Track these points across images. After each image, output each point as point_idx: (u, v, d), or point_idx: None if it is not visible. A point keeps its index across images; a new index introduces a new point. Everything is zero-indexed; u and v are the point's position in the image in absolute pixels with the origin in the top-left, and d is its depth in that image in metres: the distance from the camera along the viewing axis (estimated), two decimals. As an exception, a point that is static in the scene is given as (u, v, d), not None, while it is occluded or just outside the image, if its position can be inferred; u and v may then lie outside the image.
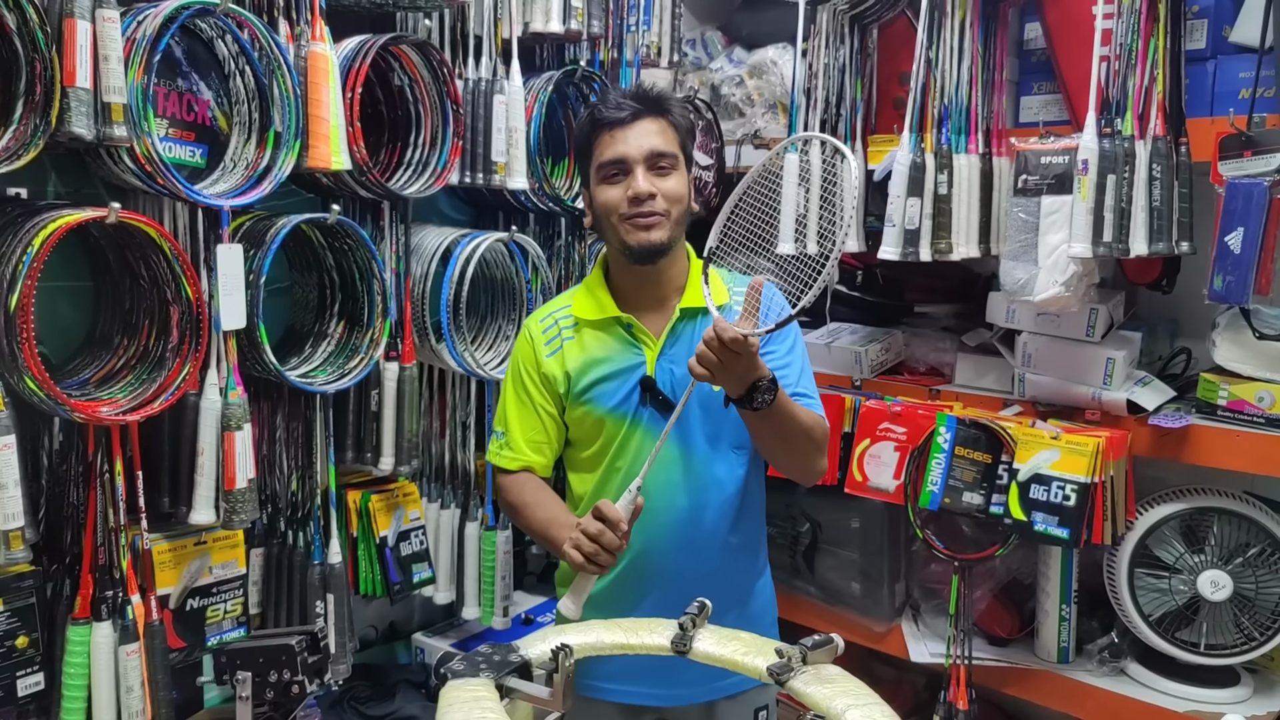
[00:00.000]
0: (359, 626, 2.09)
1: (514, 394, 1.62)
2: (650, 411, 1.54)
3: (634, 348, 1.55)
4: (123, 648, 1.52)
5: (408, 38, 1.78)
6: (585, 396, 1.55)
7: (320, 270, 1.82)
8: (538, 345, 1.59)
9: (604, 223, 1.53)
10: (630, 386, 1.54)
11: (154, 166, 1.46)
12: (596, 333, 1.57)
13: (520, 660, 1.15)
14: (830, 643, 1.14)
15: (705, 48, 2.38)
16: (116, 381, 1.56)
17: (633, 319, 1.55)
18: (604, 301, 1.57)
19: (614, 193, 1.50)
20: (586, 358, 1.56)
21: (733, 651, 1.18)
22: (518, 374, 1.61)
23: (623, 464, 1.55)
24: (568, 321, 1.59)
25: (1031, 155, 1.71)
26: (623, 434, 1.54)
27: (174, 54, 1.55)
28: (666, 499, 1.55)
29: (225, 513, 1.59)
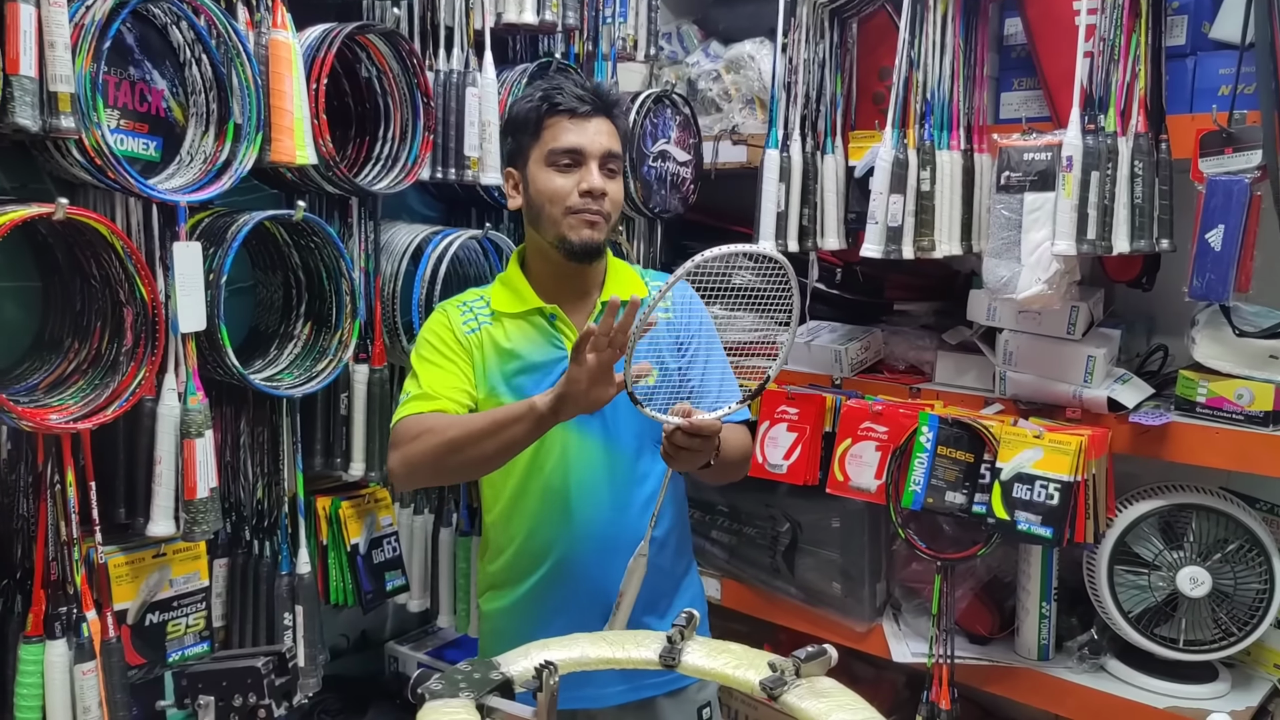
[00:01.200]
0: (329, 636, 1.99)
1: (427, 363, 1.46)
2: None
3: (555, 340, 1.48)
4: (78, 666, 1.42)
5: (375, 27, 1.68)
6: (503, 386, 1.46)
7: (285, 269, 1.71)
8: (455, 321, 1.49)
9: (542, 211, 1.44)
10: (552, 380, 1.42)
11: (104, 160, 1.35)
12: (517, 323, 1.49)
13: (501, 678, 1.07)
14: (824, 654, 1.07)
15: (681, 42, 2.30)
16: (67, 387, 1.45)
17: (557, 309, 1.48)
18: (524, 293, 1.49)
19: (563, 182, 1.42)
20: (506, 346, 1.48)
21: (723, 665, 1.11)
22: (430, 345, 1.48)
23: (546, 462, 1.46)
24: (485, 312, 1.50)
25: (1014, 152, 1.65)
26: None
27: (125, 41, 1.45)
28: (590, 499, 1.48)
29: (186, 524, 1.49)
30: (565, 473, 1.47)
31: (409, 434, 1.39)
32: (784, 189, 1.83)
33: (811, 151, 1.86)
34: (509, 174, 1.50)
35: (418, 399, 1.43)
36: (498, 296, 1.50)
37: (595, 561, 1.47)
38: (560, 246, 1.43)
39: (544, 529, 1.48)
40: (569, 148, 1.42)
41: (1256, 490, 1.81)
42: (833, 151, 1.85)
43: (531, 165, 1.44)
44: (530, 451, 1.43)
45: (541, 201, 1.43)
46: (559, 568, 1.48)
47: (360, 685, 1.93)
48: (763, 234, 1.85)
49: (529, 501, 1.48)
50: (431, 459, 1.36)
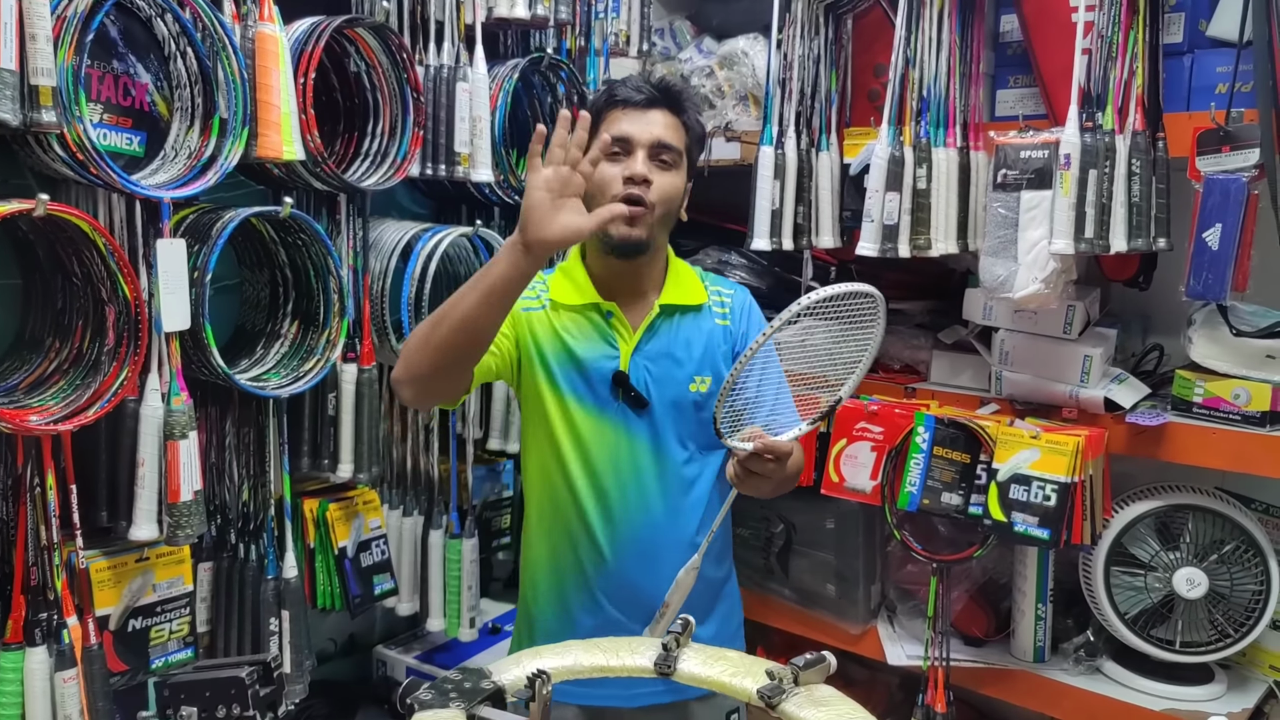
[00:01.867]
0: (317, 640, 1.94)
1: None
2: (622, 407, 1.44)
3: (608, 338, 1.45)
4: (59, 674, 1.37)
5: (364, 20, 1.64)
6: (551, 375, 1.44)
7: (272, 267, 1.67)
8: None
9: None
10: (602, 379, 1.44)
11: (86, 155, 1.31)
12: (572, 315, 1.45)
13: (493, 687, 1.03)
14: (823, 661, 1.04)
15: (674, 37, 2.26)
16: (48, 388, 1.41)
17: (614, 307, 1.45)
18: (584, 286, 1.46)
19: (611, 170, 1.39)
20: (560, 337, 1.44)
21: (720, 672, 1.08)
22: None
23: (594, 461, 1.44)
24: (545, 296, 1.47)
25: (1011, 149, 1.63)
26: (592, 428, 1.44)
27: (109, 34, 1.41)
28: (641, 503, 1.45)
29: (169, 527, 1.44)
30: (614, 474, 1.45)
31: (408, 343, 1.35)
32: (779, 186, 1.80)
33: (806, 149, 1.82)
34: None
35: None
36: (556, 285, 1.47)
37: (640, 564, 1.45)
38: (602, 241, 1.41)
39: (590, 529, 1.46)
40: (617, 136, 1.40)
41: (1252, 490, 1.80)
42: (828, 149, 1.82)
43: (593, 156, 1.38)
44: (579, 450, 1.43)
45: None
46: (607, 572, 1.45)
47: (348, 690, 1.89)
48: (757, 232, 1.82)
49: (571, 496, 1.46)
50: (421, 339, 1.30)
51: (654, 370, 1.45)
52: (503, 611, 2.13)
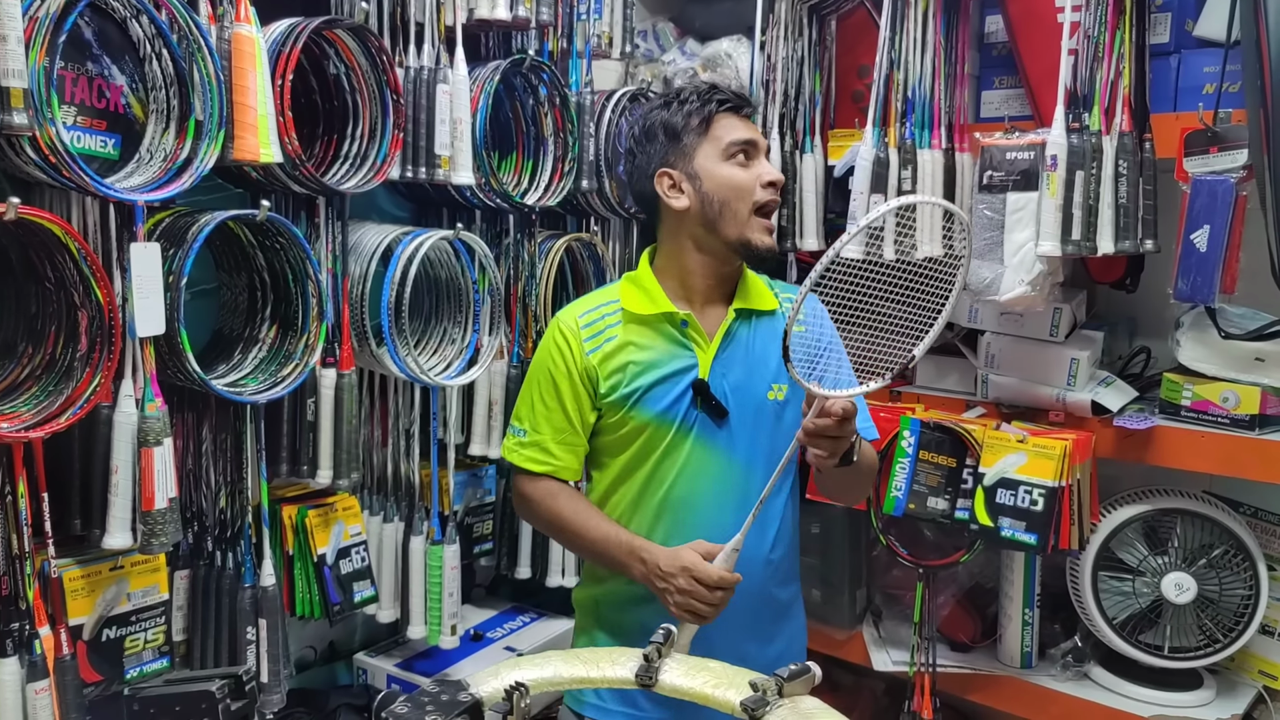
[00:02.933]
0: (296, 647, 1.91)
1: (541, 392, 1.45)
2: (702, 418, 1.40)
3: (685, 348, 1.41)
4: (31, 685, 1.33)
5: (343, 22, 1.61)
6: (632, 399, 1.41)
7: (250, 271, 1.64)
8: (576, 340, 1.43)
9: (726, 206, 1.37)
10: (681, 390, 1.40)
11: (59, 158, 1.28)
12: (644, 329, 1.42)
13: (470, 700, 1.00)
14: (807, 672, 1.02)
15: (657, 39, 2.24)
16: (20, 394, 1.37)
17: (690, 316, 1.41)
18: (656, 296, 1.43)
19: (742, 175, 1.38)
20: (635, 356, 1.41)
21: (702, 684, 1.05)
22: (546, 371, 1.45)
23: (668, 474, 1.41)
24: (614, 318, 1.44)
25: (996, 151, 1.61)
26: (669, 440, 1.40)
27: (83, 35, 1.37)
28: (713, 515, 1.41)
29: (143, 535, 1.41)
30: (690, 486, 1.42)
31: (521, 493, 1.49)
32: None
33: (790, 150, 1.80)
34: (666, 174, 1.42)
35: (532, 448, 1.45)
36: (628, 295, 1.45)
37: None
38: (741, 249, 1.39)
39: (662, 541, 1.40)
40: (745, 139, 1.38)
41: (1240, 494, 1.78)
42: (812, 150, 1.80)
43: (702, 161, 1.39)
44: (649, 461, 1.42)
45: (726, 196, 1.37)
46: None
47: (327, 698, 1.86)
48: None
49: (646, 512, 1.43)
50: (542, 528, 1.55)
51: (731, 378, 1.41)
52: (485, 618, 2.10)
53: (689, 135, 1.40)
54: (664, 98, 1.47)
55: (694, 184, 1.40)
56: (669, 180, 1.41)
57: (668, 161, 1.42)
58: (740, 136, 1.39)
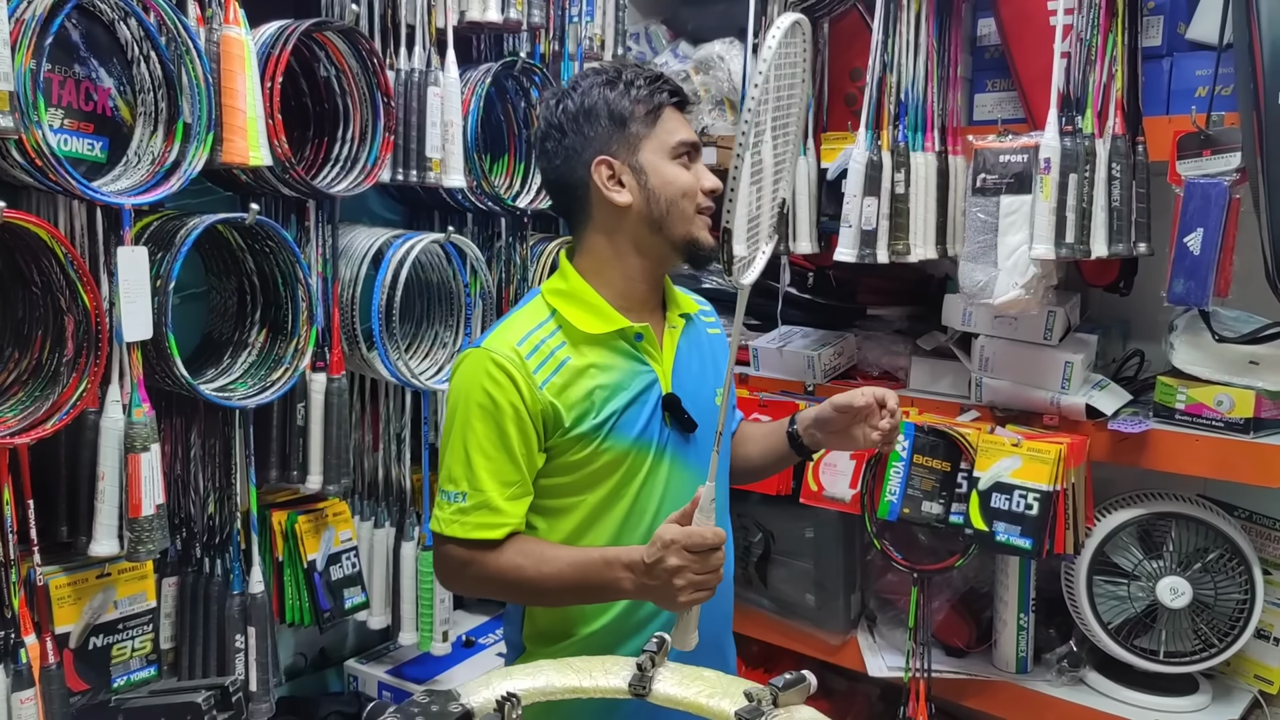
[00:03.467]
0: (286, 653, 1.90)
1: (480, 441, 1.23)
2: (673, 435, 1.31)
3: (642, 363, 1.30)
4: (16, 695, 1.33)
5: (333, 24, 1.61)
6: (605, 428, 1.25)
7: (239, 275, 1.64)
8: (521, 374, 1.23)
9: (674, 206, 1.26)
10: (650, 409, 1.28)
11: (45, 161, 1.28)
12: (599, 349, 1.27)
13: (461, 710, 0.98)
14: (802, 682, 0.99)
15: (649, 42, 2.24)
16: (6, 399, 1.37)
17: (645, 328, 1.29)
18: (604, 310, 1.29)
19: (687, 177, 1.28)
20: (599, 381, 1.26)
21: (696, 693, 1.02)
22: (485, 415, 1.22)
23: (649, 503, 1.29)
24: (557, 341, 1.27)
25: (990, 154, 1.60)
26: (648, 467, 1.28)
27: (70, 37, 1.37)
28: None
29: (130, 543, 1.41)
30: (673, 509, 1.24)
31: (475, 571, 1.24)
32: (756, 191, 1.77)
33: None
34: (606, 163, 1.26)
35: (479, 511, 1.22)
36: (575, 315, 1.28)
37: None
38: (687, 249, 1.29)
39: None
40: (690, 141, 1.29)
41: (1234, 497, 1.77)
42: (805, 153, 1.80)
43: (648, 156, 1.26)
44: (627, 494, 1.28)
45: (674, 196, 1.26)
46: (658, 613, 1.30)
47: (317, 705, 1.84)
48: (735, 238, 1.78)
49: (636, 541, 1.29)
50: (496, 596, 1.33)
51: (688, 388, 1.33)
52: (476, 624, 2.09)
53: (635, 124, 1.27)
54: (605, 75, 1.30)
55: (638, 179, 1.27)
56: (608, 170, 1.27)
57: (609, 149, 1.27)
58: (688, 137, 1.30)
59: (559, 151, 1.29)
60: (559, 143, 1.29)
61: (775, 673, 1.00)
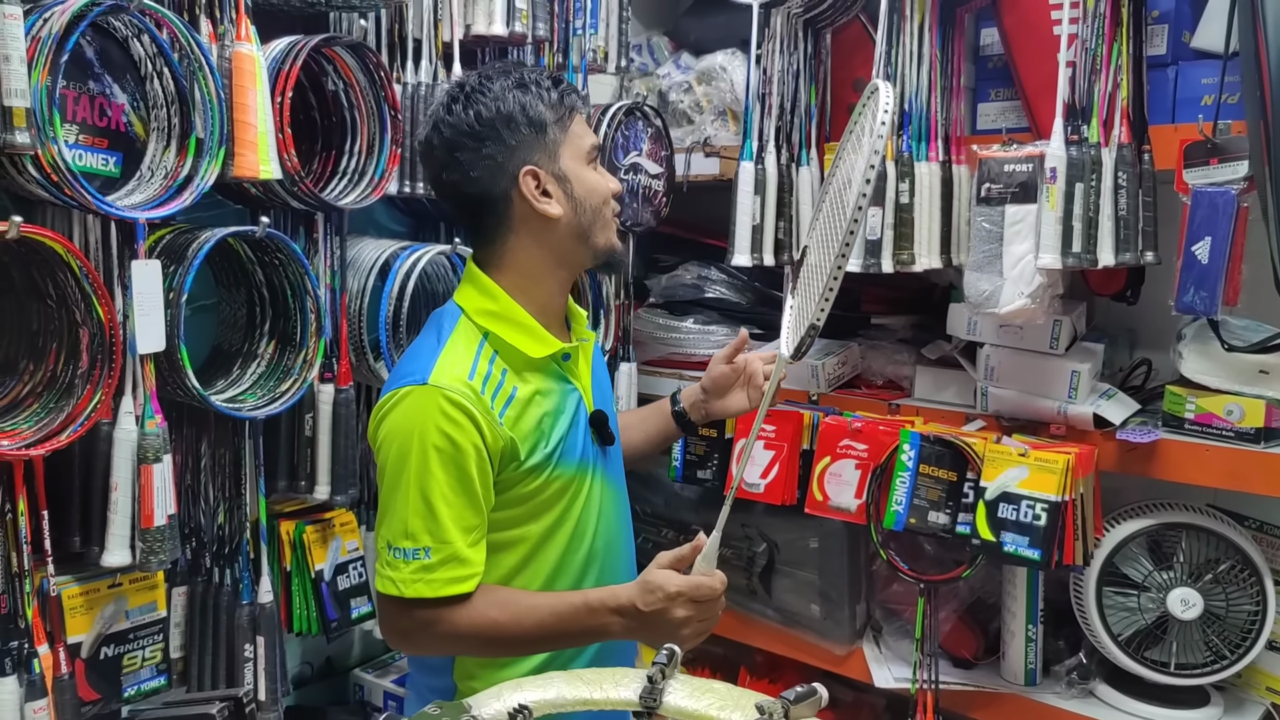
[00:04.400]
0: (294, 663, 1.94)
1: (441, 489, 1.16)
2: (597, 451, 1.33)
3: (568, 383, 1.30)
4: (30, 704, 1.37)
5: (342, 39, 1.65)
6: (554, 456, 1.25)
7: (249, 287, 1.68)
8: (481, 410, 1.19)
9: (598, 215, 1.26)
10: (583, 429, 1.30)
11: (61, 176, 1.32)
12: (537, 374, 1.26)
13: None
14: (814, 694, 1.00)
15: (652, 53, 2.28)
16: (20, 411, 1.41)
17: (573, 348, 1.30)
18: (538, 333, 1.27)
19: (602, 182, 1.28)
20: (545, 408, 1.25)
21: (707, 705, 1.03)
22: (446, 459, 1.16)
23: (589, 522, 1.29)
24: (499, 368, 1.24)
25: (994, 163, 1.63)
26: (587, 488, 1.29)
27: (85, 54, 1.42)
28: (623, 544, 1.39)
29: (142, 553, 1.44)
30: (608, 525, 1.34)
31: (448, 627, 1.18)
32: (759, 202, 1.81)
33: (786, 163, 1.84)
34: (532, 173, 1.23)
35: (447, 565, 1.16)
36: (513, 338, 1.24)
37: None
38: (605, 254, 1.29)
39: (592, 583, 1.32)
40: (598, 144, 1.29)
41: (1244, 507, 1.79)
42: (808, 163, 1.84)
43: (569, 163, 1.24)
44: (571, 517, 1.27)
45: (597, 204, 1.25)
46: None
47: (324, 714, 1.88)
48: (738, 247, 1.83)
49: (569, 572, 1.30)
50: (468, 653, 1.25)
51: (599, 400, 1.35)
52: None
53: (552, 130, 1.23)
54: (513, 78, 1.24)
55: (564, 187, 1.24)
56: (534, 181, 1.23)
57: (532, 158, 1.22)
58: (596, 140, 1.29)
59: (474, 162, 1.22)
60: (475, 152, 1.22)
61: (780, 683, 1.04)
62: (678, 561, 1.18)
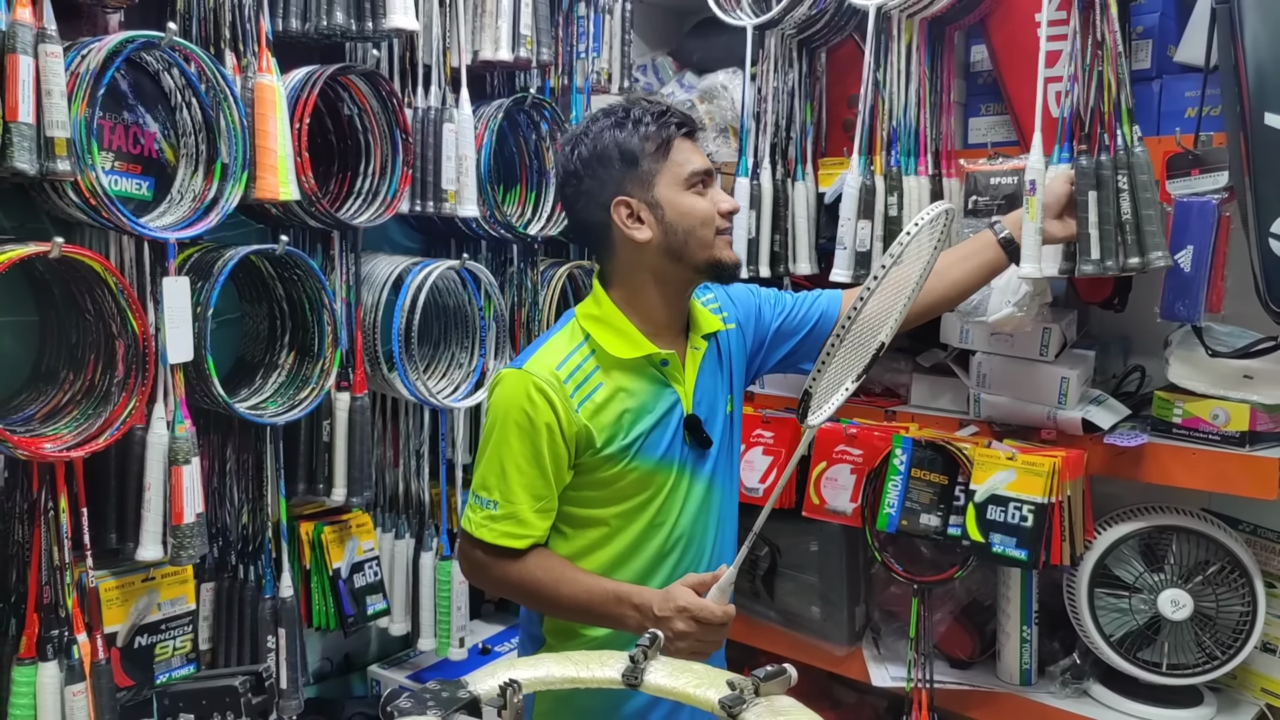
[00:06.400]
0: (314, 659, 2.11)
1: (516, 456, 1.38)
2: (691, 452, 1.47)
3: (666, 386, 1.45)
4: (69, 688, 1.53)
5: (356, 68, 1.82)
6: (632, 449, 1.41)
7: (270, 301, 1.85)
8: (559, 396, 1.38)
9: (692, 234, 1.40)
10: (673, 430, 1.44)
11: (98, 200, 1.48)
12: (628, 374, 1.42)
13: (469, 696, 1.14)
14: (783, 673, 1.12)
15: (656, 73, 2.43)
16: (62, 417, 1.57)
17: (671, 355, 1.44)
18: (634, 337, 1.43)
19: (707, 204, 1.41)
20: (628, 404, 1.41)
21: (685, 684, 1.15)
22: (522, 432, 1.37)
23: (665, 517, 1.45)
24: (591, 365, 1.42)
25: (981, 176, 1.75)
26: (671, 483, 1.44)
27: (120, 87, 1.58)
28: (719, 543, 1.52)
29: (173, 548, 1.61)
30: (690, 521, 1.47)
31: (496, 573, 1.42)
32: (754, 216, 1.94)
33: (782, 179, 1.97)
34: (624, 204, 1.40)
35: (507, 521, 1.38)
36: (607, 340, 1.42)
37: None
38: (711, 271, 1.43)
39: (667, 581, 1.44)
40: (703, 169, 1.42)
41: (1238, 511, 1.87)
42: (803, 179, 1.96)
43: (664, 190, 1.39)
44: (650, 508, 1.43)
45: (692, 225, 1.39)
46: None
47: (343, 707, 2.04)
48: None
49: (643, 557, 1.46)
50: (511, 596, 1.48)
51: (705, 406, 1.48)
52: (493, 633, 2.28)
53: (647, 161, 1.39)
54: (614, 117, 1.42)
55: (655, 213, 1.40)
56: (627, 209, 1.40)
57: (624, 189, 1.40)
58: (700, 166, 1.42)
59: (578, 196, 1.43)
60: (577, 188, 1.43)
61: None
62: (700, 585, 1.33)
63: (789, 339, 1.63)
